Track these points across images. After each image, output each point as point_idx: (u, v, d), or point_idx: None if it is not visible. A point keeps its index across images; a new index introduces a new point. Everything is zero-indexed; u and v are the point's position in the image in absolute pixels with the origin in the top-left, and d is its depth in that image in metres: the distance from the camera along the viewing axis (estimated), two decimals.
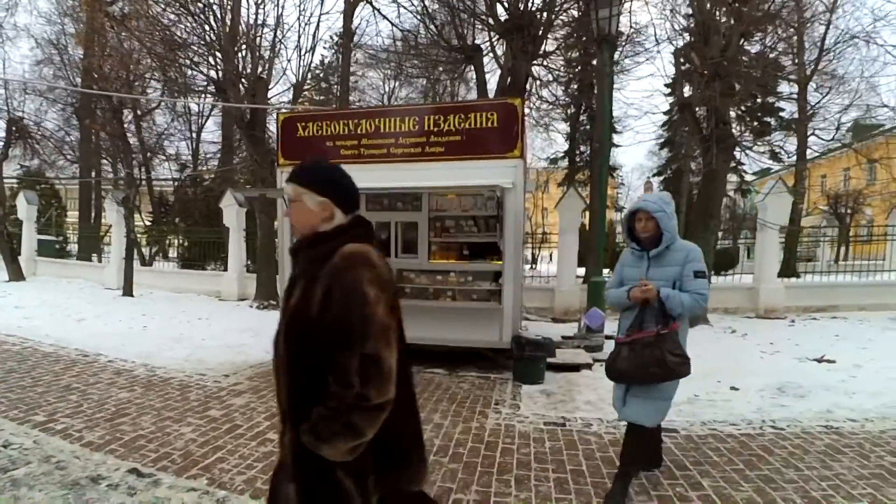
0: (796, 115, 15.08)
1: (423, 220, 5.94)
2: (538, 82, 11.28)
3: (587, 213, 10.85)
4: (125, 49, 12.13)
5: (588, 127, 17.47)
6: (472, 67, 10.50)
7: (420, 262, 5.90)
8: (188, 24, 11.31)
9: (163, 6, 11.55)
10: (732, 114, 9.76)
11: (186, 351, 5.98)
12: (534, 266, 19.23)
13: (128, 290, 10.65)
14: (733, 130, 9.02)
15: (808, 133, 15.17)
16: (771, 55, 10.26)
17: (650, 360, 2.41)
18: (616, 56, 13.84)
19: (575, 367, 5.46)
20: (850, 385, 4.65)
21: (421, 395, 4.52)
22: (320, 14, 19.49)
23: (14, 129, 14.52)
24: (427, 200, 5.95)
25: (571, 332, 7.04)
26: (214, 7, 11.04)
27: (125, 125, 14.10)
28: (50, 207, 17.84)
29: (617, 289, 2.69)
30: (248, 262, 12.77)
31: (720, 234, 16.75)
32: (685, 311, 2.45)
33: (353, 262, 1.30)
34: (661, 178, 23.65)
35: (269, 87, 13.09)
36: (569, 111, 17.33)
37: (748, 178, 22.92)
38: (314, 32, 15.67)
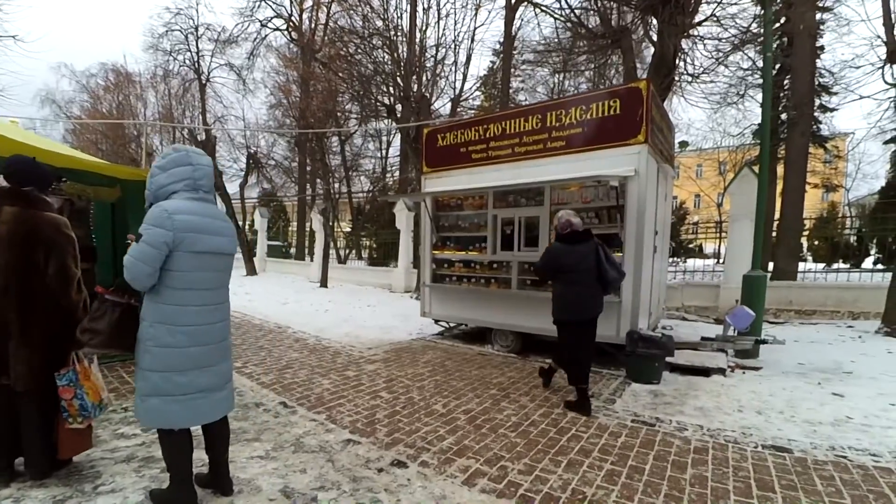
0: None
1: (544, 214, 6.07)
2: (700, 47, 9.79)
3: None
4: (330, 87, 15.14)
5: (789, 91, 14.40)
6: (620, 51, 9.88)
7: (539, 255, 6.02)
8: (372, 59, 13.65)
9: (355, 45, 14.12)
10: None
11: (349, 328, 7.37)
12: (721, 261, 17.65)
13: (323, 283, 13.32)
14: None
15: None
16: None
17: None
18: None
19: (704, 371, 4.87)
20: None
21: (521, 380, 4.74)
22: (474, 28, 20.43)
23: (251, 160, 19.54)
24: (549, 194, 6.06)
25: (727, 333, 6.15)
26: (390, 41, 13.11)
27: (331, 149, 17.54)
28: (278, 220, 23.41)
29: None
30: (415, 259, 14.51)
31: None
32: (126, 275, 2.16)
33: None
34: None
35: (432, 102, 14.74)
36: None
37: None
38: (470, 46, 16.71)
